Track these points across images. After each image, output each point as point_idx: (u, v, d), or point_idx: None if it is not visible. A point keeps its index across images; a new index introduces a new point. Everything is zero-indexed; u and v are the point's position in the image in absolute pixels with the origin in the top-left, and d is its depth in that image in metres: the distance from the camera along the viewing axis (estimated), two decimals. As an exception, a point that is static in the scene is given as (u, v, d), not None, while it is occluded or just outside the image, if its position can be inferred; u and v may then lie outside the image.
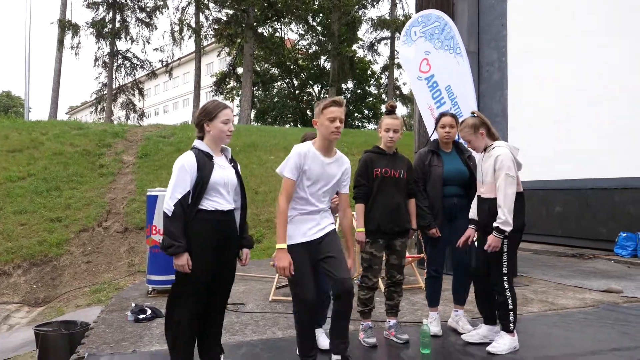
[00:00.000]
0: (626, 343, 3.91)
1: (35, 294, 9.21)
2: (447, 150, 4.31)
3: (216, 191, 3.05)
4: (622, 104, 9.24)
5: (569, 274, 7.21)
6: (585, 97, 9.86)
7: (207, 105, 3.20)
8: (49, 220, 10.91)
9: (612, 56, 9.47)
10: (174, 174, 3.01)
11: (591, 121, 9.74)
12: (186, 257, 2.90)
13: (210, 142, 3.14)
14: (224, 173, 3.11)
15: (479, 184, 3.90)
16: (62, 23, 23.96)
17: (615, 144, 9.25)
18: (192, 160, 3.03)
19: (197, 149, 3.12)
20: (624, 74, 9.28)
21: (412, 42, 7.17)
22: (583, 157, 9.84)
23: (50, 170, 12.95)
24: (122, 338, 4.17)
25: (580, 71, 10.07)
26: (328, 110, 3.14)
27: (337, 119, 3.14)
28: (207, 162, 3.06)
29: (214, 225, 3.04)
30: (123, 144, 15.29)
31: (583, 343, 3.93)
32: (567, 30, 10.44)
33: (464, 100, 6.66)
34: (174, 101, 57.42)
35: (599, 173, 9.61)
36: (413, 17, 7.57)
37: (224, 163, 3.18)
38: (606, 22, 9.66)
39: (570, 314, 4.92)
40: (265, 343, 3.96)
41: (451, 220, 4.17)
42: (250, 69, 25.21)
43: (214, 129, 3.10)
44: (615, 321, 4.58)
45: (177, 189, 2.97)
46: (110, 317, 4.89)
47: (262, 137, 17.01)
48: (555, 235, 10.59)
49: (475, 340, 3.89)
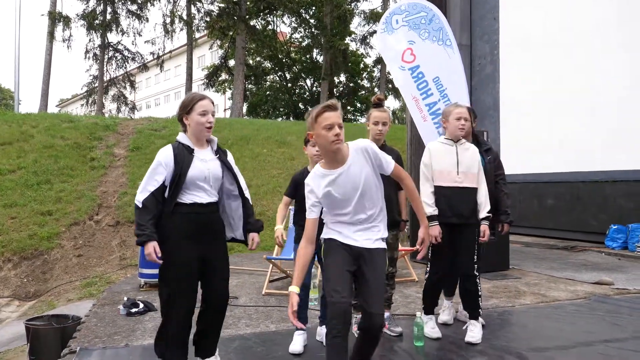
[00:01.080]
0: (617, 334, 3.93)
1: (26, 288, 9.16)
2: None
3: (195, 185, 3.01)
4: (613, 97, 9.28)
5: (560, 267, 7.24)
6: (577, 91, 9.89)
7: (184, 98, 3.17)
8: (39, 213, 10.83)
9: (604, 50, 9.50)
10: (151, 167, 3.00)
11: (582, 115, 9.78)
12: (152, 245, 2.86)
13: (191, 135, 3.10)
14: (205, 166, 3.05)
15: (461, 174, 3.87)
16: (53, 15, 23.67)
17: (606, 137, 9.30)
18: (169, 154, 3.01)
19: (178, 142, 3.09)
20: (616, 66, 9.31)
21: (392, 30, 6.97)
22: (574, 150, 9.89)
23: (40, 164, 12.84)
24: (114, 332, 4.15)
25: (573, 65, 10.10)
26: (322, 117, 2.73)
27: (335, 125, 2.72)
28: (186, 155, 3.01)
29: (191, 217, 3.00)
30: (114, 137, 15.19)
31: (575, 335, 3.95)
32: (560, 23, 10.47)
33: (454, 92, 6.62)
34: (165, 94, 57.17)
35: (590, 166, 9.65)
36: (395, 4, 7.40)
37: (206, 156, 3.11)
38: (599, 15, 9.68)
39: (562, 306, 4.94)
40: (258, 336, 3.95)
41: None
42: (242, 61, 25.08)
43: (192, 121, 3.06)
44: (607, 313, 4.61)
45: (150, 181, 2.97)
46: (102, 311, 4.87)
47: (254, 131, 16.94)
48: (547, 228, 10.64)
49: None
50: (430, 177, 3.89)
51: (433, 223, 3.78)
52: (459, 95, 6.61)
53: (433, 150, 3.94)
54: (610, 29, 9.47)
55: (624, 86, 9.14)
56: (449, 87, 6.72)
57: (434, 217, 3.80)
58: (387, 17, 7.17)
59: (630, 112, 8.95)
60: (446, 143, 3.96)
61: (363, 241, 2.81)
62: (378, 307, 2.72)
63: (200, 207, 3.02)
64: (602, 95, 9.44)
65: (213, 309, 3.15)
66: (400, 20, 7.02)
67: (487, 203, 3.88)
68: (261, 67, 33.17)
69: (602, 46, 9.53)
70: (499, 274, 6.61)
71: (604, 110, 9.41)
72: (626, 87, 9.10)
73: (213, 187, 3.08)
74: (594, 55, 9.70)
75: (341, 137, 2.74)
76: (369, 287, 2.75)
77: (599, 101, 9.48)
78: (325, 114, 2.74)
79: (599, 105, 9.48)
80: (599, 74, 9.57)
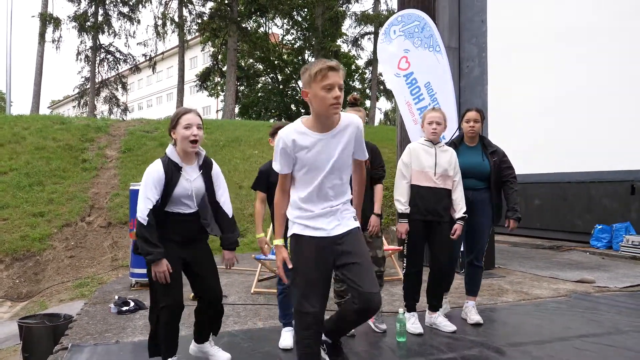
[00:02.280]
0: (594, 330, 4.07)
1: (18, 288, 9.16)
2: (472, 144, 4.38)
3: (179, 201, 3.12)
4: (599, 99, 9.42)
5: (545, 266, 7.38)
6: (563, 92, 10.05)
7: (173, 114, 3.25)
8: (31, 215, 10.82)
9: (590, 52, 9.65)
10: (145, 183, 3.06)
11: (568, 115, 9.93)
12: (165, 263, 2.97)
13: (180, 150, 3.16)
14: (190, 185, 3.13)
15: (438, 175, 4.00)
16: (44, 16, 23.65)
17: (591, 138, 9.43)
18: (160, 172, 3.07)
19: (167, 158, 3.14)
20: (601, 69, 9.46)
21: (391, 40, 7.34)
22: (560, 151, 10.02)
23: (32, 165, 12.83)
24: (105, 329, 4.24)
25: (559, 66, 10.26)
26: (323, 76, 2.44)
27: (336, 86, 2.45)
28: (175, 173, 3.09)
29: (175, 222, 3.12)
30: (106, 139, 15.19)
31: (553, 330, 4.07)
32: (546, 26, 10.61)
33: (443, 96, 6.84)
34: (157, 95, 57.12)
35: (576, 167, 9.79)
36: (393, 16, 7.75)
37: (192, 174, 3.17)
38: (585, 18, 9.83)
39: (543, 303, 5.07)
40: (245, 333, 4.06)
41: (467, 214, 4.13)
42: (234, 63, 25.15)
43: (177, 135, 3.12)
44: (586, 310, 4.74)
45: (149, 199, 3.03)
46: (94, 309, 4.95)
47: (246, 132, 16.96)
48: (533, 228, 10.79)
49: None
50: (407, 175, 4.02)
51: (403, 220, 3.97)
52: (447, 98, 6.83)
53: (413, 151, 4.07)
54: (597, 33, 9.61)
55: (609, 89, 9.29)
56: (438, 91, 6.95)
57: (404, 215, 3.97)
58: (386, 29, 7.56)
59: (615, 114, 9.10)
60: (425, 145, 4.09)
61: (335, 228, 2.61)
62: (373, 285, 2.54)
63: (183, 216, 3.14)
64: (588, 97, 9.59)
65: (208, 305, 3.28)
66: (397, 31, 7.38)
67: (463, 204, 4.03)
68: (253, 69, 33.24)
69: (589, 49, 9.67)
70: (484, 272, 6.72)
71: (589, 112, 9.56)
72: (611, 90, 9.25)
73: (195, 202, 3.17)
74: (580, 59, 9.85)
75: (341, 101, 2.48)
76: (359, 269, 2.55)
77: (585, 103, 9.62)
78: (327, 73, 2.45)
79: (585, 107, 9.62)
80: (585, 76, 9.71)
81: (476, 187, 4.27)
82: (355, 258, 2.56)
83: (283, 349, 3.65)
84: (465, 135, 4.41)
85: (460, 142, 4.41)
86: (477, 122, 4.31)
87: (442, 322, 4.12)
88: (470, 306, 4.42)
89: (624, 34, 9.15)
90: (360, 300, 2.52)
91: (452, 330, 4.03)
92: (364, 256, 2.60)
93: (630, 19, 9.06)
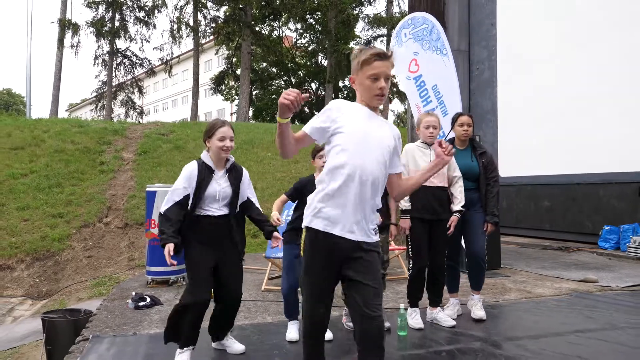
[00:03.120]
0: (589, 326, 4.22)
1: (38, 287, 9.43)
2: (462, 147, 4.61)
3: (210, 201, 3.43)
4: (607, 100, 9.51)
5: (551, 266, 7.49)
6: (572, 93, 10.13)
7: (208, 123, 3.56)
8: (51, 216, 11.10)
9: (599, 54, 9.74)
10: (179, 179, 3.41)
11: (577, 117, 10.01)
12: (168, 248, 3.20)
13: (212, 155, 3.49)
14: (219, 187, 3.45)
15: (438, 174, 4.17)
16: (63, 22, 24.15)
17: (600, 139, 9.51)
18: (195, 169, 3.42)
19: (202, 160, 3.48)
20: (609, 72, 9.54)
21: (402, 43, 7.50)
22: (570, 152, 10.11)
23: (51, 167, 13.16)
24: (123, 323, 4.48)
25: (567, 69, 10.34)
26: (369, 66, 2.38)
27: (382, 76, 2.38)
28: (207, 175, 3.43)
29: (205, 225, 3.42)
30: (123, 142, 15.49)
31: (549, 326, 4.23)
32: (555, 30, 10.71)
33: (449, 98, 6.97)
34: (173, 98, 57.63)
35: (585, 168, 9.87)
36: (404, 19, 7.90)
37: (221, 178, 3.49)
38: (593, 23, 9.92)
39: (544, 301, 5.22)
40: (255, 327, 4.27)
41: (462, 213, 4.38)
42: (248, 67, 25.41)
43: (212, 145, 3.45)
44: (584, 307, 4.89)
45: (176, 193, 3.37)
46: (112, 304, 5.20)
47: (259, 135, 17.21)
48: (543, 229, 10.88)
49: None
50: (406, 173, 4.21)
51: (405, 217, 4.19)
52: (453, 101, 6.97)
53: (409, 152, 4.28)
54: (606, 35, 9.70)
55: (618, 91, 9.37)
56: (445, 94, 7.07)
57: (406, 211, 4.18)
58: (397, 32, 7.76)
59: (623, 116, 9.19)
60: (421, 146, 4.29)
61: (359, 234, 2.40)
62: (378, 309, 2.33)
63: (213, 219, 3.43)
64: (596, 99, 9.67)
65: (227, 307, 3.60)
66: (407, 34, 7.54)
67: (462, 198, 4.22)
68: (267, 72, 33.48)
69: (598, 52, 9.76)
70: (489, 272, 6.84)
71: (598, 114, 9.64)
72: (619, 92, 9.33)
73: (222, 204, 3.48)
74: (588, 62, 9.93)
75: (385, 92, 2.42)
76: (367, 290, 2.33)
77: (594, 106, 9.70)
78: (374, 63, 2.38)
79: (594, 109, 9.71)
80: (594, 78, 9.80)
81: (467, 188, 4.45)
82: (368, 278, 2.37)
83: (290, 341, 3.86)
84: (457, 139, 4.63)
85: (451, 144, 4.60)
86: (470, 126, 4.51)
87: (442, 317, 4.30)
88: (476, 300, 4.59)
89: (632, 35, 9.23)
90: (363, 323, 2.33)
91: (451, 325, 4.21)
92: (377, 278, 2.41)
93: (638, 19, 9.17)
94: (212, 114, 50.02)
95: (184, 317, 3.32)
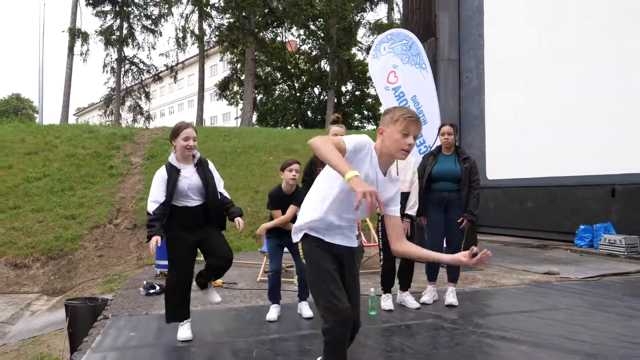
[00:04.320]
0: (534, 307, 4.92)
1: (53, 284, 9.96)
2: (447, 153, 5.26)
3: (182, 195, 4.04)
4: (584, 109, 10.14)
5: (524, 261, 8.13)
6: (552, 102, 10.78)
7: (174, 126, 4.17)
8: (64, 217, 11.59)
9: (577, 66, 10.36)
10: (153, 184, 4.03)
11: (556, 123, 10.65)
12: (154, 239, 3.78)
13: (179, 155, 4.11)
14: (187, 182, 4.05)
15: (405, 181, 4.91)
16: (73, 31, 24.98)
17: (577, 144, 10.14)
18: (163, 174, 4.03)
19: (169, 163, 4.10)
20: (586, 81, 10.16)
21: (381, 56, 8.13)
22: (550, 156, 10.74)
23: (64, 172, 13.65)
24: (137, 306, 5.22)
25: (548, 79, 10.99)
26: (404, 123, 2.56)
27: (412, 134, 2.57)
28: (174, 174, 4.02)
29: (183, 215, 4.04)
30: (131, 147, 15.99)
31: (500, 307, 4.96)
32: (539, 40, 11.32)
33: (428, 108, 7.65)
34: (179, 102, 58.39)
35: (564, 171, 10.50)
36: (383, 34, 8.57)
37: (188, 173, 4.09)
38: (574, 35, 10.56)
39: (504, 289, 5.92)
40: (249, 308, 5.00)
41: (445, 212, 5.11)
42: (251, 73, 26.07)
43: (177, 144, 4.07)
44: (537, 294, 5.58)
45: (154, 195, 3.96)
46: (126, 292, 5.94)
47: (262, 139, 17.62)
48: (527, 229, 11.49)
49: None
50: None
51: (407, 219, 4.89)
52: (431, 110, 7.66)
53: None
54: (584, 49, 10.33)
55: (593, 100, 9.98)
56: (424, 104, 7.74)
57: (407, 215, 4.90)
58: (376, 45, 8.39)
59: (597, 123, 9.82)
60: None
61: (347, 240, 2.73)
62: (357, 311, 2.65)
63: (189, 209, 4.06)
64: (574, 107, 10.30)
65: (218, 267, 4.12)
66: (387, 48, 8.19)
67: (415, 203, 4.91)
68: (271, 77, 34.21)
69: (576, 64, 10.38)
70: (464, 266, 7.55)
71: (576, 121, 10.26)
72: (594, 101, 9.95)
73: (195, 195, 4.09)
74: (568, 73, 10.57)
75: (411, 149, 2.62)
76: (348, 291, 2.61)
77: (572, 113, 10.33)
78: (409, 120, 2.57)
79: (572, 116, 10.34)
80: (572, 88, 10.42)
81: (450, 189, 5.12)
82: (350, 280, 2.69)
83: (269, 321, 4.56)
84: (442, 146, 5.30)
85: (438, 151, 5.30)
86: (451, 134, 5.18)
87: (410, 300, 5.01)
88: (449, 291, 5.24)
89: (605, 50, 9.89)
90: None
91: (416, 306, 4.92)
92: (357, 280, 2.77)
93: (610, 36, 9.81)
94: (218, 118, 50.68)
95: (175, 296, 4.01)
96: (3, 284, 9.83)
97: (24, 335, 7.15)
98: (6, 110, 57.60)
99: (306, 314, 4.67)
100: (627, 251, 8.53)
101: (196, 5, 26.01)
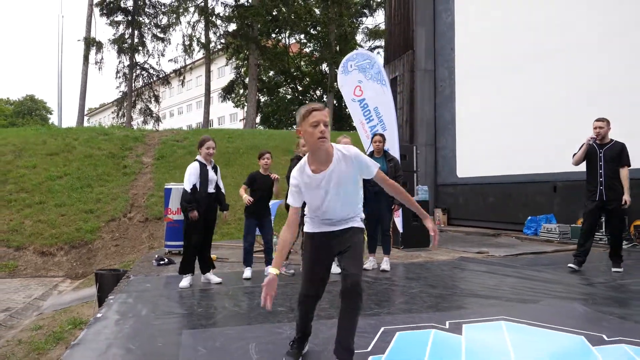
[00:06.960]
0: (445, 272, 6.51)
1: (75, 270, 11.20)
2: (378, 156, 6.85)
3: (208, 183, 5.81)
4: (531, 116, 11.64)
5: (472, 246, 9.52)
6: (509, 110, 12.31)
7: (201, 138, 5.93)
8: (83, 211, 12.83)
9: (530, 77, 11.84)
10: (189, 171, 5.76)
11: (511, 128, 12.18)
12: (195, 212, 5.61)
13: (203, 158, 5.87)
14: (210, 175, 5.86)
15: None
16: (88, 40, 26.50)
17: (527, 147, 11.65)
18: (197, 167, 5.79)
19: (198, 160, 5.85)
20: (536, 92, 11.65)
21: (348, 72, 9.48)
22: (507, 157, 12.28)
23: (82, 171, 14.77)
24: (151, 271, 6.92)
25: (505, 90, 12.51)
26: (310, 116, 2.87)
27: (321, 122, 2.85)
28: (203, 169, 5.82)
29: (205, 198, 5.78)
30: (142, 148, 17.09)
31: (420, 273, 6.53)
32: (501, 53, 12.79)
33: (387, 118, 9.08)
34: (187, 103, 59.43)
35: (517, 170, 12.06)
36: (349, 54, 9.94)
37: (210, 170, 5.87)
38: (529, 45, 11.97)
39: (433, 263, 7.44)
40: (236, 274, 6.61)
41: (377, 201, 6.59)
42: (255, 77, 27.36)
43: (202, 151, 5.88)
44: (456, 267, 7.07)
45: (191, 179, 5.71)
46: (142, 264, 7.65)
47: (263, 140, 18.70)
48: (489, 221, 13.02)
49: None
50: None
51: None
52: (390, 120, 9.08)
53: None
54: (529, 63, 11.81)
55: (539, 109, 11.49)
56: (384, 114, 9.19)
57: None
58: (344, 62, 9.72)
59: (542, 129, 11.32)
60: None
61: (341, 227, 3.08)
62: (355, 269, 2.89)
63: (209, 195, 5.84)
64: (524, 114, 11.81)
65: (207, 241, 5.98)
66: (353, 65, 9.53)
67: None
68: (274, 80, 35.52)
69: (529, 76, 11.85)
70: (420, 249, 9.03)
71: (526, 126, 11.78)
72: (541, 109, 11.45)
73: (212, 186, 5.89)
74: (522, 83, 12.07)
75: (326, 135, 2.86)
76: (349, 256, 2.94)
77: (523, 118, 11.84)
78: (313, 112, 2.87)
79: (523, 122, 11.86)
80: (526, 98, 11.92)
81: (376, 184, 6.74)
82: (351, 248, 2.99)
83: (245, 278, 6.20)
84: (374, 151, 6.91)
85: (371, 155, 6.91)
86: (381, 142, 6.80)
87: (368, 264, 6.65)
88: (384, 261, 6.83)
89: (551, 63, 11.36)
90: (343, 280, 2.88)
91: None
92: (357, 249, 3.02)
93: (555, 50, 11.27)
94: (225, 119, 51.93)
95: (187, 253, 5.73)
96: (32, 269, 10.99)
97: (55, 308, 8.37)
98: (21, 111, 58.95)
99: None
100: (559, 237, 10.07)
101: (202, 15, 27.33)
